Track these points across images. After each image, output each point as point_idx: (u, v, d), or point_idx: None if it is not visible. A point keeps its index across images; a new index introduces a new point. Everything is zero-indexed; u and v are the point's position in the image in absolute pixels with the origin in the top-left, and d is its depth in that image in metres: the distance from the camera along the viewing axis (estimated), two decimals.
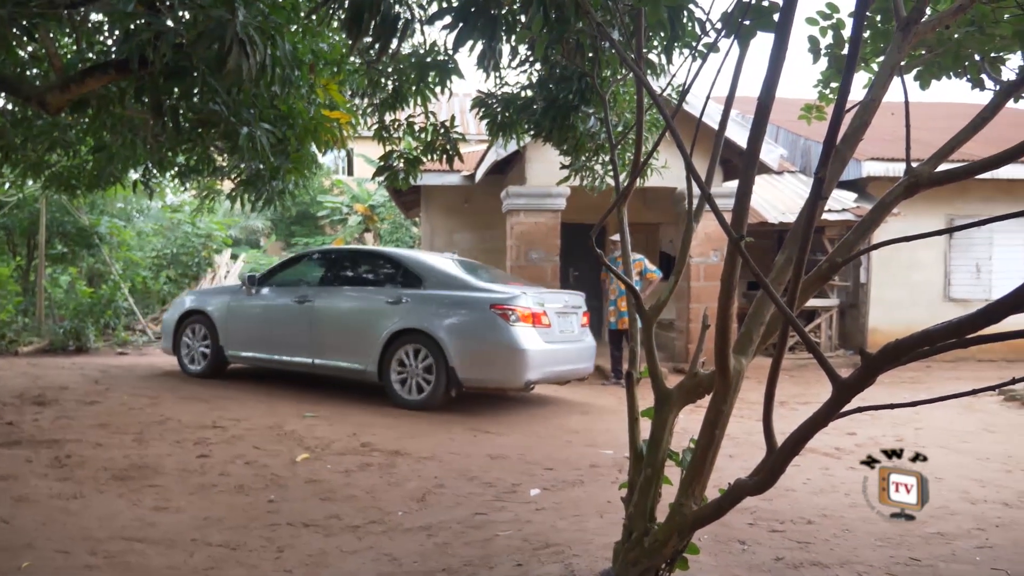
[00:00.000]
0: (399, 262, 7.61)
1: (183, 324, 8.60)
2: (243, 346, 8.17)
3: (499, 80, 5.09)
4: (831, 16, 3.84)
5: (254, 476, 4.56)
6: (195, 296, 9.05)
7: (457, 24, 3.48)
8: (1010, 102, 2.83)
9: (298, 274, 8.31)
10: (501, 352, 6.70)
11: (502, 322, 6.72)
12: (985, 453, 5.60)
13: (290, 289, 8.02)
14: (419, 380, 6.94)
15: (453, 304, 6.97)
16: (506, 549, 3.36)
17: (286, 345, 7.82)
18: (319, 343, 7.59)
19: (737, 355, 2.42)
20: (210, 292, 9.14)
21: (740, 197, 2.18)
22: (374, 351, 7.13)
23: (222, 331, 8.25)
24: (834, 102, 2.38)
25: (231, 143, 4.64)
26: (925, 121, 11.68)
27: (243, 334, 8.18)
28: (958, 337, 1.58)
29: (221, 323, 8.28)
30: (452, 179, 11.73)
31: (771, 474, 2.15)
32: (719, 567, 3.15)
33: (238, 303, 8.29)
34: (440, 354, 6.80)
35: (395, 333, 7.05)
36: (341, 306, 7.61)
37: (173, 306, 9.12)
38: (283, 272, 8.40)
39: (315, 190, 22.29)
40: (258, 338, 8.08)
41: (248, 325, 8.16)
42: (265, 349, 8.02)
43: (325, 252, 8.67)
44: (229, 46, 3.27)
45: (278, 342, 7.91)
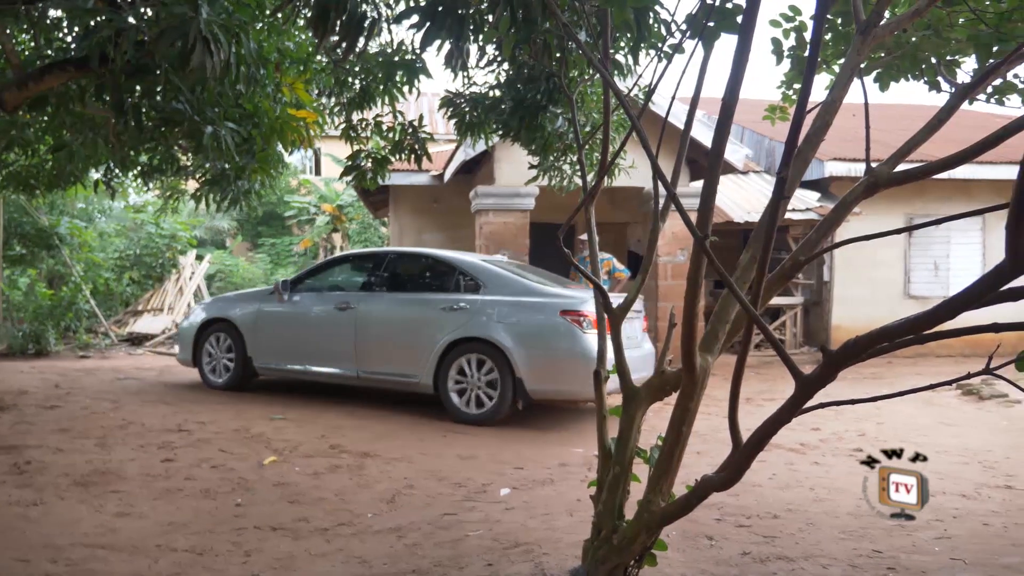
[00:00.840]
0: (454, 265, 7.01)
1: (204, 333, 7.90)
2: (275, 357, 7.52)
3: (467, 80, 5.09)
4: (794, 19, 3.91)
5: (220, 480, 4.50)
6: (217, 303, 8.35)
7: (424, 23, 3.47)
8: (965, 104, 2.90)
9: (336, 279, 7.79)
10: (575, 362, 6.12)
11: (574, 329, 6.23)
12: (943, 446, 5.74)
13: (328, 295, 7.48)
14: (481, 392, 6.45)
15: (518, 310, 6.45)
16: (476, 549, 3.36)
17: (326, 356, 7.24)
18: (365, 353, 7.01)
19: (703, 353, 2.46)
20: (235, 298, 8.40)
21: (705, 197, 2.21)
22: (429, 361, 6.61)
23: (251, 341, 7.58)
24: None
25: (195, 142, 4.57)
26: (885, 122, 11.93)
27: (275, 344, 7.52)
28: (915, 333, 1.62)
29: (249, 332, 7.60)
30: (421, 179, 11.69)
31: (736, 470, 2.18)
32: (687, 562, 3.18)
33: (269, 310, 7.62)
34: (505, 364, 6.31)
35: (453, 342, 6.54)
36: (390, 313, 7.03)
37: (192, 314, 8.40)
38: (318, 277, 7.80)
39: (282, 190, 22.08)
40: (293, 348, 7.45)
41: (281, 334, 7.52)
42: (301, 360, 7.39)
43: (367, 255, 8.03)
44: (192, 43, 3.22)
45: (317, 352, 7.31)
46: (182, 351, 8.19)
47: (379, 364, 6.97)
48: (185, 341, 8.10)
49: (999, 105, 3.78)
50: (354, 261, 8.10)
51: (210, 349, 7.88)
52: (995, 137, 2.14)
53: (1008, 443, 5.83)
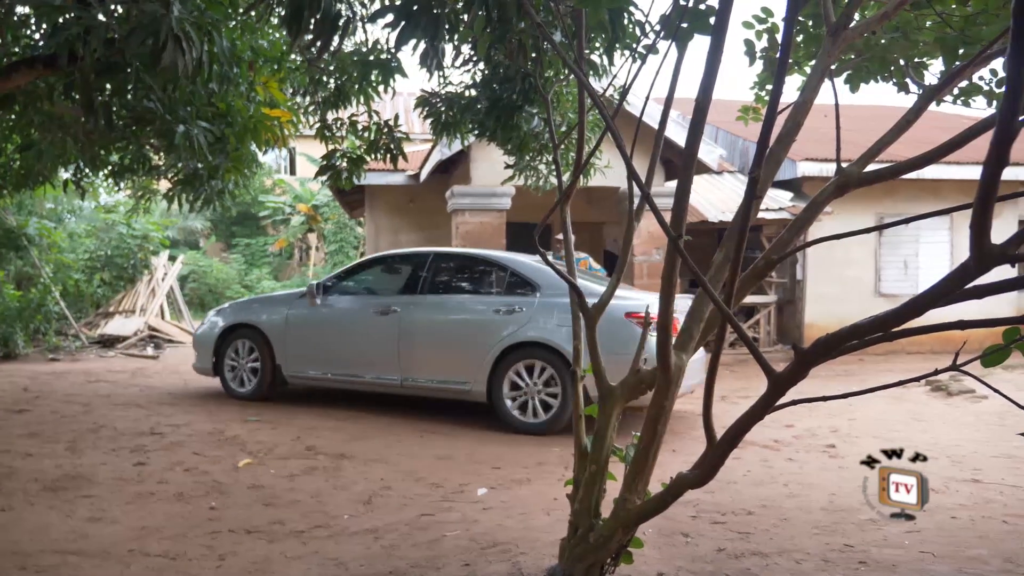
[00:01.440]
0: (505, 266, 6.63)
1: (226, 340, 7.42)
2: (307, 365, 7.09)
3: (443, 79, 5.08)
4: (766, 20, 3.95)
5: (194, 483, 4.45)
6: (240, 307, 7.84)
7: (399, 23, 3.46)
8: (932, 105, 2.96)
9: (373, 281, 7.35)
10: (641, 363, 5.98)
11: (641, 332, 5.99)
12: (913, 442, 5.83)
13: (366, 298, 7.09)
14: (539, 400, 6.10)
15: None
16: (453, 549, 3.36)
17: (365, 363, 6.82)
18: (410, 360, 6.62)
19: (678, 352, 2.48)
20: (260, 302, 7.95)
21: (679, 197, 2.24)
22: (482, 368, 6.24)
23: (280, 347, 7.14)
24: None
25: (167, 141, 4.52)
26: (856, 123, 12.09)
27: (308, 351, 7.08)
28: (884, 331, 1.65)
29: (278, 338, 7.16)
30: (397, 179, 11.65)
31: (711, 467, 2.20)
32: (663, 559, 3.20)
33: (300, 315, 7.15)
34: (567, 370, 5.91)
35: (509, 347, 6.18)
36: (437, 317, 6.63)
37: (209, 319, 7.85)
38: (352, 278, 7.33)
39: (256, 190, 21.89)
40: (328, 355, 7.02)
41: (314, 340, 7.08)
42: (337, 367, 6.96)
43: (408, 256, 7.49)
44: (164, 42, 3.18)
45: (354, 359, 6.88)
46: (200, 359, 7.67)
47: (426, 371, 6.59)
48: (203, 348, 7.59)
49: (965, 106, 3.85)
50: (392, 262, 7.57)
51: (233, 357, 7.42)
52: (961, 138, 2.19)
53: (975, 438, 5.95)
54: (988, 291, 1.47)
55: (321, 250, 22.44)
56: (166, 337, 13.18)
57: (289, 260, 23.36)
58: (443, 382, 6.52)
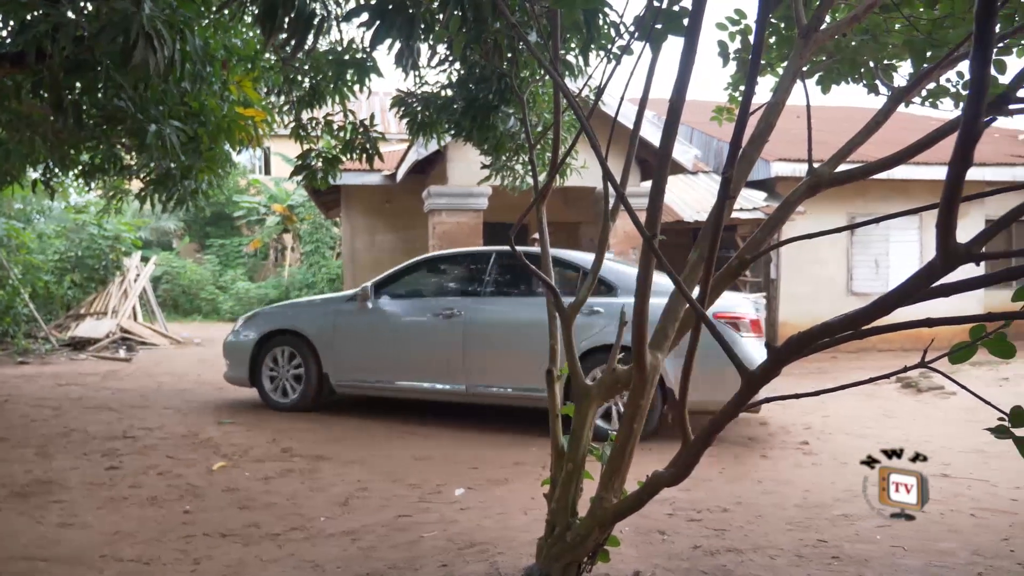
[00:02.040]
0: (578, 266, 6.33)
1: (263, 348, 6.97)
2: (360, 373, 6.70)
3: (419, 79, 5.07)
4: (739, 22, 3.99)
5: (168, 487, 4.40)
6: (279, 312, 7.32)
7: (374, 22, 3.44)
8: (901, 107, 3.01)
9: (428, 282, 6.97)
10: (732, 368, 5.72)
11: (731, 333, 5.68)
12: (885, 438, 5.93)
13: (423, 301, 6.69)
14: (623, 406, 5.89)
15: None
16: (431, 550, 3.35)
17: (425, 370, 6.45)
18: (476, 366, 6.25)
19: (653, 351, 2.49)
20: (302, 307, 7.45)
21: (653, 197, 2.25)
22: None
23: (328, 355, 6.73)
24: None
25: (138, 141, 4.46)
26: (828, 124, 12.25)
27: (360, 357, 6.69)
28: (854, 329, 1.67)
29: (325, 345, 6.74)
30: (373, 179, 11.60)
31: (686, 466, 2.22)
32: (640, 557, 3.22)
33: (349, 320, 6.75)
34: None
35: (588, 351, 5.80)
36: (507, 320, 6.25)
37: (242, 325, 7.29)
38: (406, 280, 6.89)
39: (230, 190, 21.67)
40: (382, 362, 6.62)
41: (367, 347, 6.68)
42: (393, 375, 6.59)
43: (468, 255, 7.15)
44: (134, 40, 3.14)
45: (413, 366, 6.49)
46: (233, 368, 7.18)
47: (494, 378, 6.23)
48: (237, 357, 7.11)
49: (933, 108, 3.92)
50: (449, 262, 7.17)
51: (272, 365, 6.96)
52: (929, 139, 2.23)
53: (944, 433, 6.06)
54: (954, 289, 1.50)
55: (297, 251, 22.27)
56: (139, 339, 13.00)
57: (264, 261, 23.15)
58: (518, 389, 6.13)
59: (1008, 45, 3.33)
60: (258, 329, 7.08)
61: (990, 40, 1.22)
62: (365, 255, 12.90)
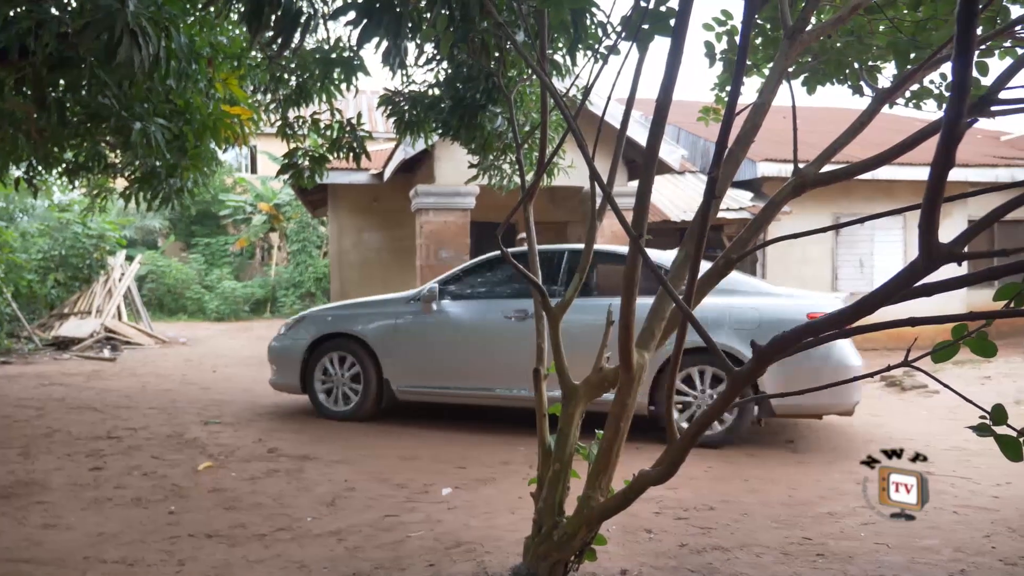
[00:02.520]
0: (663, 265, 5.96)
1: (315, 353, 6.62)
2: (425, 378, 6.37)
3: (406, 78, 5.06)
4: (725, 22, 4.02)
5: (153, 487, 4.37)
6: (332, 314, 6.88)
7: (361, 20, 3.43)
8: (885, 108, 3.03)
9: (497, 282, 6.55)
10: (829, 370, 5.49)
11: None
12: (870, 436, 5.98)
13: (492, 302, 6.32)
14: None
15: (759, 314, 5.62)
16: (418, 550, 3.34)
17: (496, 375, 6.13)
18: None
19: (640, 350, 2.50)
20: (358, 308, 6.89)
21: (640, 196, 2.26)
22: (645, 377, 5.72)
23: (389, 360, 6.39)
24: None
25: (123, 139, 4.43)
26: (814, 125, 12.34)
27: (425, 363, 6.36)
28: (838, 328, 1.69)
29: (386, 349, 6.39)
30: (360, 178, 11.56)
31: (672, 464, 2.23)
32: (626, 556, 3.23)
33: (413, 323, 6.40)
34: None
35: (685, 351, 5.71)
36: (587, 322, 5.59)
37: (293, 328, 6.89)
38: (471, 281, 6.52)
39: (216, 188, 21.55)
40: (449, 367, 6.32)
41: (433, 351, 6.36)
42: (462, 381, 6.28)
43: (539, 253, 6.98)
44: (119, 37, 3.12)
45: (486, 371, 6.18)
46: (282, 374, 6.82)
47: None
48: (287, 362, 6.73)
49: (917, 109, 3.96)
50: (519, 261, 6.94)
51: (325, 372, 6.61)
52: (912, 140, 2.25)
53: (927, 431, 6.12)
54: (937, 289, 1.52)
55: (283, 250, 22.17)
56: (123, 339, 12.90)
57: (250, 260, 23.02)
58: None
59: (990, 47, 3.36)
60: (309, 333, 6.68)
61: (971, 42, 1.23)
62: (352, 254, 12.86)
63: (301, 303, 19.93)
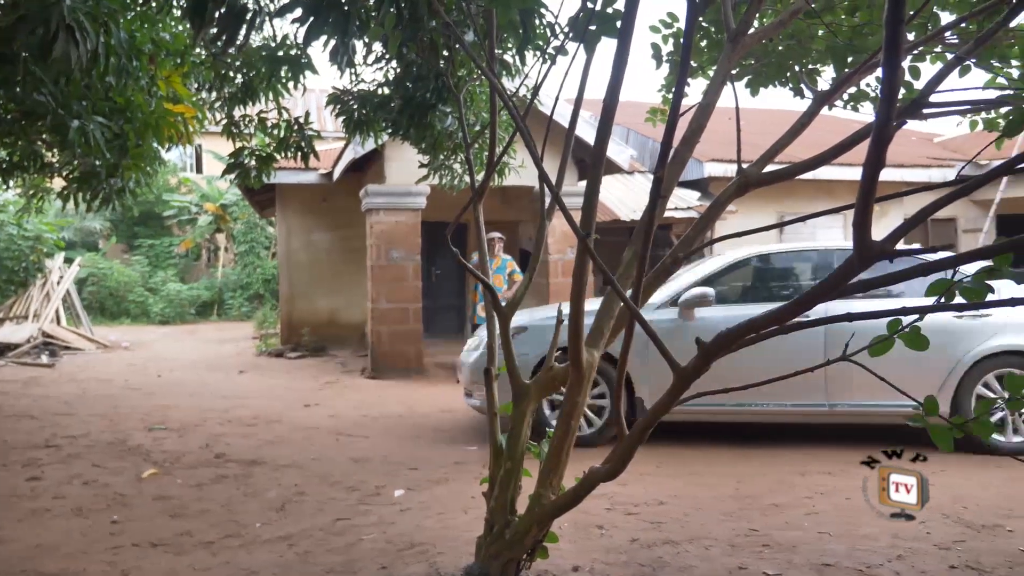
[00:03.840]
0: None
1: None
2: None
3: (355, 77, 5.01)
4: (672, 25, 4.08)
5: (94, 496, 4.24)
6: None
7: (308, 18, 3.38)
8: (825, 110, 3.12)
9: (757, 285, 6.07)
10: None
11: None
12: (813, 430, 6.13)
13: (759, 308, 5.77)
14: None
15: None
16: (370, 553, 3.32)
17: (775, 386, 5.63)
18: (842, 380, 5.36)
19: (589, 348, 2.53)
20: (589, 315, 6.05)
21: (588, 196, 2.29)
22: (946, 384, 5.29)
23: (641, 376, 5.57)
24: None
25: (60, 137, 4.28)
26: (760, 126, 12.60)
27: None
28: (778, 324, 1.74)
29: (637, 364, 5.42)
30: (309, 177, 11.38)
31: (621, 460, 2.26)
32: (578, 552, 3.26)
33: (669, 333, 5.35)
34: None
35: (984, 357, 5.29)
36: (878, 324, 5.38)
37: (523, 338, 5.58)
38: (724, 283, 5.91)
39: (160, 188, 20.94)
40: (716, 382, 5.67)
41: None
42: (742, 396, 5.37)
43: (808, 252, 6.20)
44: (55, 32, 3.02)
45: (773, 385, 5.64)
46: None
47: (865, 393, 5.30)
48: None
49: (854, 111, 4.09)
50: (786, 260, 6.23)
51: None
52: (848, 142, 2.32)
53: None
54: (871, 285, 1.57)
55: (230, 251, 21.69)
56: (62, 344, 12.47)
57: (196, 261, 22.47)
58: (888, 404, 5.21)
59: (922, 53, 3.49)
60: (537, 347, 5.48)
61: (899, 47, 1.28)
62: (301, 255, 12.67)
63: (249, 305, 19.55)
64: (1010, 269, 1.70)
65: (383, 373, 9.48)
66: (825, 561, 3.17)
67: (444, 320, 13.08)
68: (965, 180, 1.61)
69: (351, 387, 8.77)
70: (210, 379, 9.33)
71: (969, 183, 1.59)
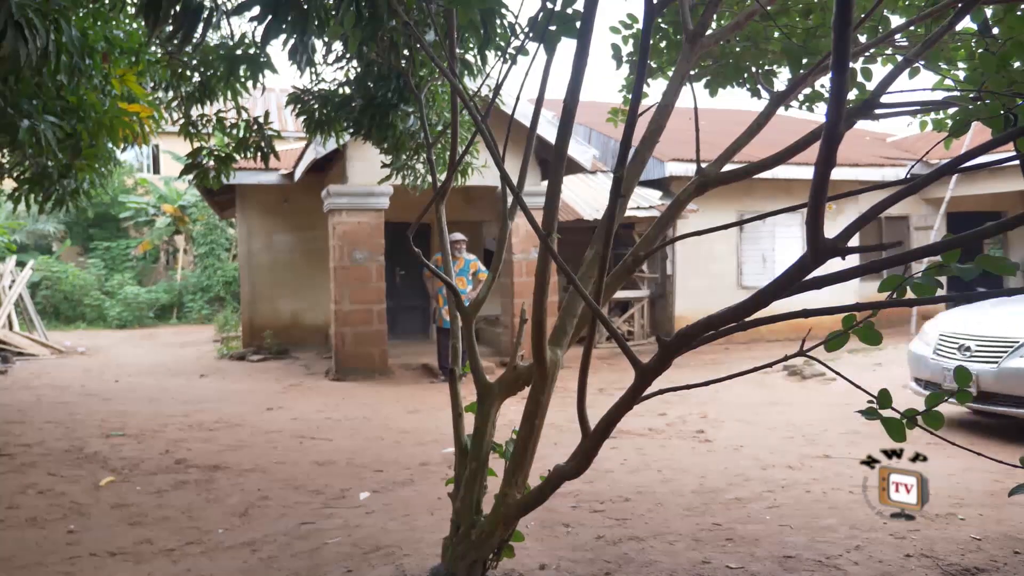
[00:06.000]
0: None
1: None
2: None
3: (315, 76, 4.96)
4: (631, 26, 4.12)
5: (49, 506, 4.14)
6: None
7: (265, 16, 3.34)
8: (781, 110, 3.18)
9: None
10: None
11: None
12: (773, 423, 6.26)
13: None
14: None
15: None
16: (335, 556, 3.29)
17: None
18: None
19: (553, 347, 2.54)
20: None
21: (549, 196, 2.30)
22: None
23: None
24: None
25: (9, 137, 4.15)
26: (719, 126, 12.73)
27: None
28: (737, 321, 1.77)
29: None
30: (269, 178, 11.24)
31: (585, 457, 2.27)
32: (544, 550, 3.28)
33: None
34: None
35: None
36: None
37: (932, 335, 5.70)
38: None
39: (115, 190, 20.49)
40: None
41: None
42: None
43: None
44: (3, 29, 2.93)
45: None
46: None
47: None
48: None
49: (810, 112, 4.17)
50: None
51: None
52: (803, 141, 2.37)
53: (826, 417, 6.45)
54: (825, 282, 1.61)
55: (190, 253, 21.31)
56: (15, 350, 12.13)
57: (154, 264, 22.02)
58: None
59: (873, 55, 3.58)
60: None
61: (846, 50, 1.32)
62: (263, 256, 12.50)
63: (210, 308, 19.23)
64: (957, 264, 1.75)
65: (347, 375, 9.41)
66: (786, 553, 3.23)
67: (408, 321, 13.03)
68: (915, 179, 1.65)
69: (315, 389, 8.69)
70: (170, 384, 9.15)
71: (918, 181, 1.64)
